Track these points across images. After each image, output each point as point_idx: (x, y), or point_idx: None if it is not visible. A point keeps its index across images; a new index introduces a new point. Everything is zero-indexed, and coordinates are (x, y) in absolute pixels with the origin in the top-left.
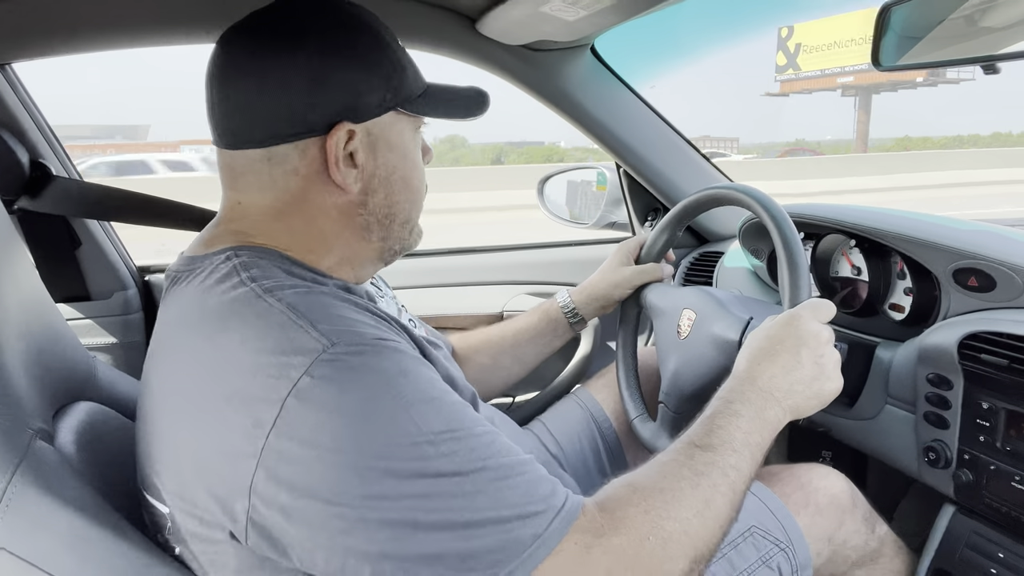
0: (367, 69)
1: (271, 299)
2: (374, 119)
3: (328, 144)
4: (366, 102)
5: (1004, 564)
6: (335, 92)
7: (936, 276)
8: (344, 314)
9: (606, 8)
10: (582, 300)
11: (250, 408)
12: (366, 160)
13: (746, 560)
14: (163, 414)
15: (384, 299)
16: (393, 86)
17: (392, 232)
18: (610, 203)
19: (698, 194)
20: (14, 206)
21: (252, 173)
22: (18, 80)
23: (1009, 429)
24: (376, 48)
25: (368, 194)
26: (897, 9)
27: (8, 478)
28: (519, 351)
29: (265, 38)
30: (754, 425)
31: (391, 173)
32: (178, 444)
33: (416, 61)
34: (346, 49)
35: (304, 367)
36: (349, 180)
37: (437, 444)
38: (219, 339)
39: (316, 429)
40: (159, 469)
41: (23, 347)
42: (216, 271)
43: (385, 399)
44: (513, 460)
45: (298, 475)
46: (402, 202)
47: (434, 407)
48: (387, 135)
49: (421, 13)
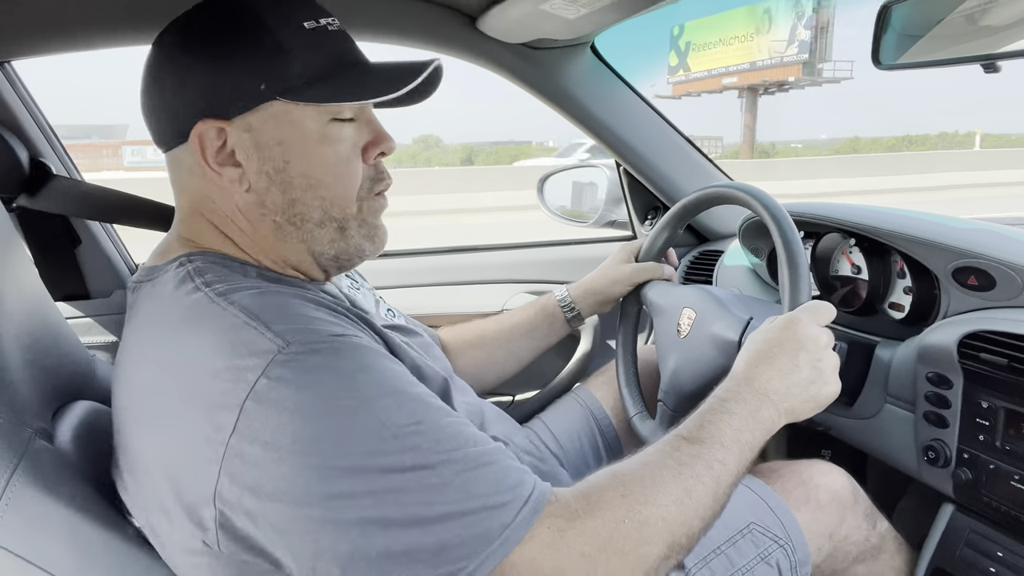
0: (228, 61)
1: (224, 302)
2: (248, 113)
3: (193, 144)
4: (232, 96)
5: (1003, 563)
6: (193, 88)
7: (936, 275)
8: (300, 312)
9: (606, 6)
10: (579, 295)
11: (210, 414)
12: (248, 158)
13: (745, 557)
14: (129, 429)
15: (361, 291)
16: (271, 75)
17: (311, 234)
18: (610, 202)
19: (698, 193)
20: (13, 204)
21: (171, 175)
22: (18, 78)
23: (1008, 428)
24: (244, 36)
25: (261, 194)
26: (897, 7)
27: (7, 477)
28: (514, 345)
29: (160, 39)
30: (746, 424)
31: (283, 169)
32: (146, 455)
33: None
34: (204, 43)
35: (260, 369)
36: (232, 180)
37: (400, 438)
38: (176, 347)
39: (276, 431)
40: (129, 482)
41: (22, 346)
42: (171, 279)
43: (344, 397)
44: (479, 450)
45: (261, 479)
46: (307, 200)
47: (395, 400)
48: (274, 129)
49: (421, 11)
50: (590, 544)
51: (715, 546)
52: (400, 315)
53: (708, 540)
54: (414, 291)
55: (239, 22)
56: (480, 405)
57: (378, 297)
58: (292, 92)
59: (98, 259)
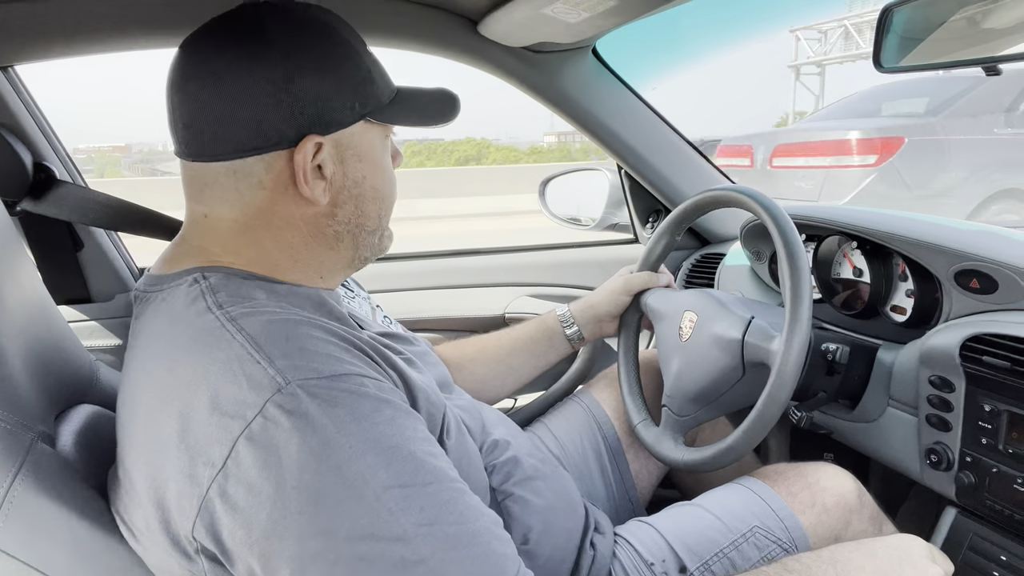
0: (336, 79)
1: (234, 329)
2: (343, 130)
3: (296, 158)
4: (334, 113)
5: (1006, 567)
6: (302, 104)
7: (937, 278)
8: (306, 346)
9: (608, 10)
10: (578, 309)
11: (202, 447)
12: (335, 172)
13: (748, 560)
14: (126, 449)
15: (356, 299)
16: (362, 95)
17: (362, 240)
18: (611, 205)
19: (698, 196)
20: (16, 208)
21: (217, 186)
22: (20, 82)
23: (1011, 431)
24: (345, 56)
25: (337, 205)
26: (899, 10)
27: (10, 481)
28: (514, 360)
29: (228, 45)
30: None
31: (361, 183)
32: (137, 481)
33: (415, 63)
34: (314, 58)
35: (258, 407)
36: (318, 193)
37: (382, 500)
38: (181, 371)
39: (261, 476)
40: (126, 500)
41: (24, 349)
42: (184, 295)
43: (332, 448)
44: (466, 529)
45: (237, 523)
46: (372, 211)
47: (385, 458)
48: (357, 145)
49: (422, 15)
50: None
51: (718, 549)
52: (396, 324)
53: (711, 543)
54: (416, 295)
55: (333, 41)
56: (479, 408)
57: (374, 305)
58: (379, 113)
59: (101, 263)
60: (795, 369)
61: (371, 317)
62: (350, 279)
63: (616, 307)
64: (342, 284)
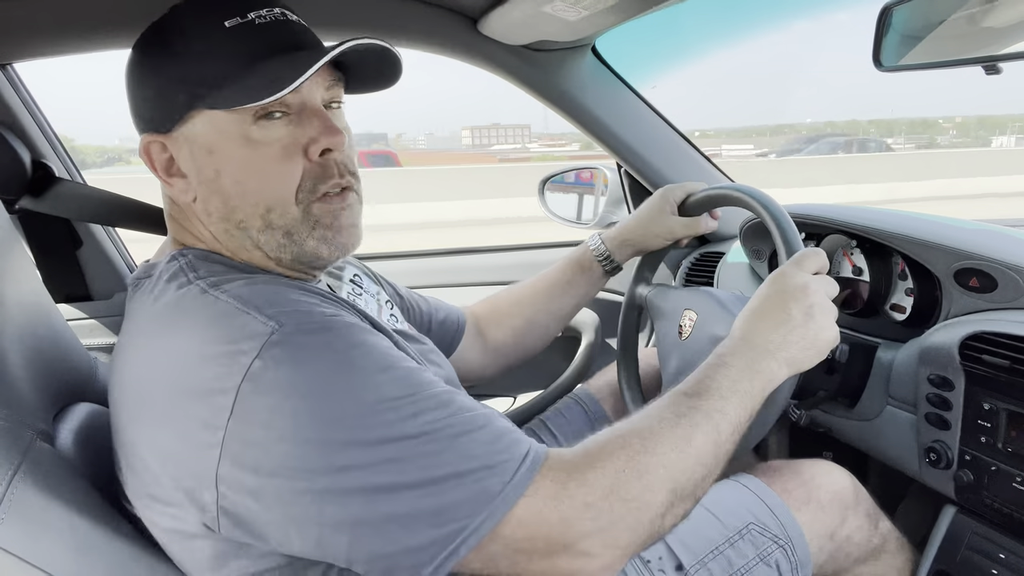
0: (153, 77)
1: (216, 292)
2: (181, 124)
3: (143, 158)
4: (161, 111)
5: (1005, 565)
6: (135, 106)
7: (937, 276)
8: (291, 297)
9: (607, 8)
10: (615, 246)
11: (207, 399)
12: (189, 168)
13: (744, 557)
14: (126, 421)
15: (363, 296)
16: (187, 85)
17: (260, 239)
18: (611, 203)
19: (698, 195)
20: (15, 206)
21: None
22: (19, 80)
23: (1010, 430)
24: (165, 46)
25: (205, 202)
26: (898, 9)
27: (9, 479)
28: (553, 306)
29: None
30: (743, 374)
31: (216, 179)
32: (142, 446)
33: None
34: (143, 59)
35: (255, 351)
36: (182, 190)
37: (398, 409)
38: (170, 337)
39: (274, 410)
40: (128, 476)
41: (24, 348)
42: (166, 274)
43: (341, 372)
44: (474, 415)
45: (262, 457)
46: (244, 208)
47: (390, 375)
48: (204, 138)
49: (422, 13)
50: (593, 494)
51: (714, 546)
52: (403, 321)
53: (707, 541)
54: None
55: (163, 32)
56: None
57: (384, 301)
58: (208, 99)
59: (99, 261)
60: None
61: (377, 315)
62: (362, 274)
63: (655, 247)
64: (351, 280)
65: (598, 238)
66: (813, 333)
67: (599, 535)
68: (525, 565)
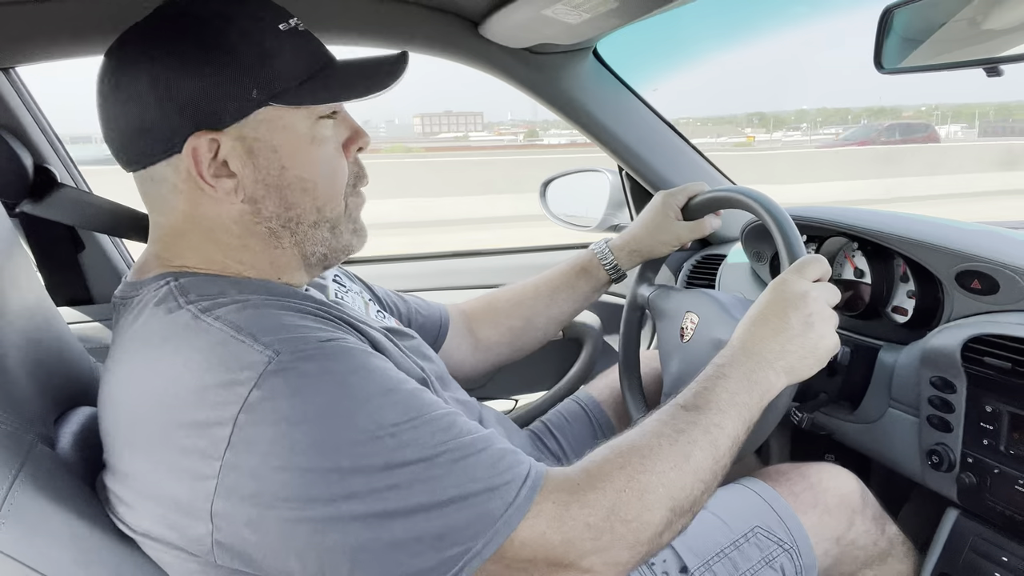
0: (217, 71)
1: (208, 318)
2: (241, 121)
3: (188, 158)
4: (224, 105)
5: (1008, 567)
6: (182, 103)
7: (939, 279)
8: (285, 322)
9: (609, 11)
10: (624, 256)
11: (203, 431)
12: (243, 167)
13: (749, 561)
14: (119, 452)
15: (349, 294)
16: (260, 81)
17: (305, 236)
18: (612, 206)
19: (700, 198)
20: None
21: (147, 194)
22: (22, 84)
23: (1013, 432)
24: (229, 45)
25: (258, 201)
26: (899, 12)
27: (10, 483)
28: (554, 309)
29: (125, 52)
30: (741, 386)
31: (280, 175)
32: (137, 479)
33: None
34: (190, 53)
35: (252, 382)
36: (228, 191)
37: (397, 435)
38: (162, 366)
39: (273, 441)
40: (119, 508)
41: (25, 351)
42: (154, 297)
43: (340, 400)
44: (474, 438)
45: (262, 487)
46: (303, 203)
47: (390, 399)
48: (267, 135)
49: (423, 16)
50: (594, 515)
51: (719, 550)
52: (389, 318)
53: (712, 544)
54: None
55: (215, 28)
56: (477, 406)
57: (368, 299)
58: (284, 96)
59: (101, 264)
60: None
61: (364, 312)
62: (341, 274)
63: (662, 253)
64: (334, 280)
65: (605, 246)
66: (812, 342)
67: (600, 554)
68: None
